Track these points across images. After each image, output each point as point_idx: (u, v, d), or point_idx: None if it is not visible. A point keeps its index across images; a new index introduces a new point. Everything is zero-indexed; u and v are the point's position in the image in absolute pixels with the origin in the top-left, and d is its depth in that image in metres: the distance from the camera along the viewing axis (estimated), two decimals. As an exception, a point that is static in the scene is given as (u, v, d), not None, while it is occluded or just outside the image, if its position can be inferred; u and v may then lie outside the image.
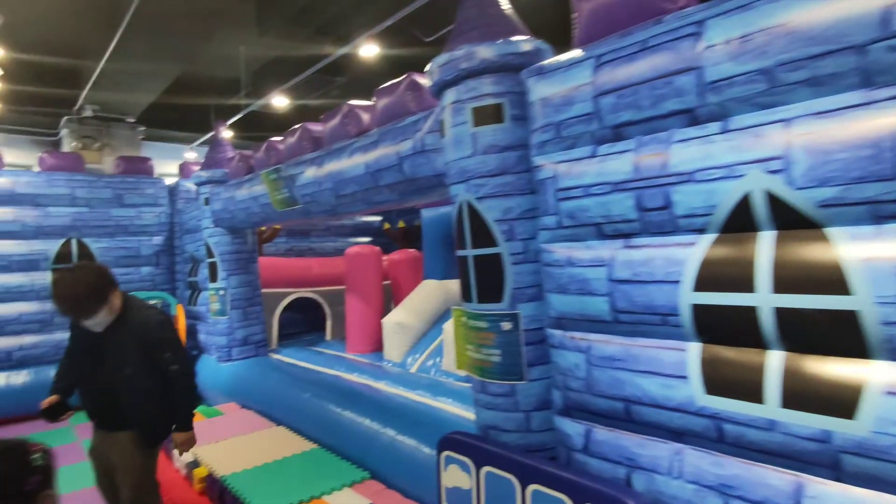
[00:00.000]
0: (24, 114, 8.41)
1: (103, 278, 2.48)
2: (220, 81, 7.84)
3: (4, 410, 5.56)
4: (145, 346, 2.53)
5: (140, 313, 2.59)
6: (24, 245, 5.95)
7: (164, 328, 2.63)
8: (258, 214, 4.80)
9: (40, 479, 1.30)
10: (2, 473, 1.24)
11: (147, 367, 2.55)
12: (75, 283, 2.41)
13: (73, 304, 2.41)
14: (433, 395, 3.94)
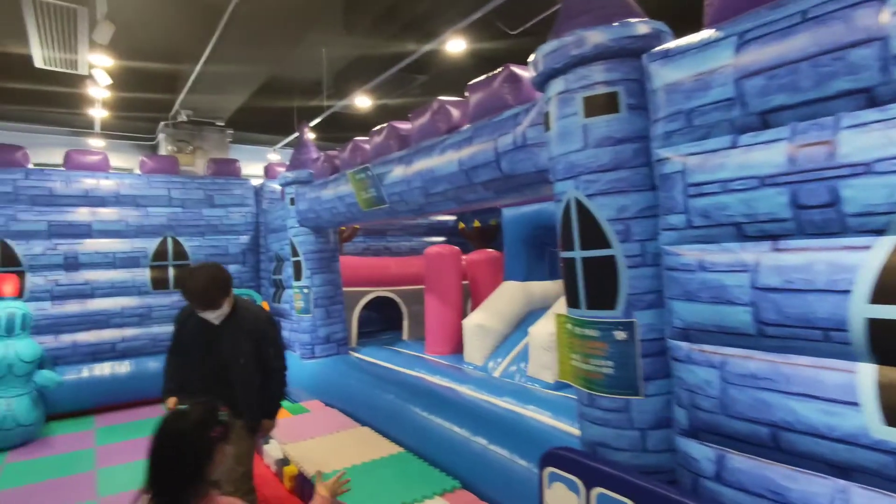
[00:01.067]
0: (126, 120, 9.06)
1: (224, 274, 2.73)
2: (303, 83, 8.06)
3: (111, 397, 5.93)
4: (255, 338, 2.74)
5: (251, 309, 2.84)
6: (127, 243, 6.34)
7: (271, 324, 2.89)
8: (343, 214, 4.82)
9: (222, 432, 1.53)
10: (198, 416, 1.50)
11: (255, 359, 2.76)
12: (204, 277, 2.63)
13: (204, 296, 2.62)
14: (520, 403, 3.77)
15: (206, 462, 1.46)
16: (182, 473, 1.43)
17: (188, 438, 1.46)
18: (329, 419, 4.59)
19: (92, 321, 6.05)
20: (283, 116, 9.16)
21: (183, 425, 1.49)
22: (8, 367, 4.82)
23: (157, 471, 1.46)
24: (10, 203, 5.75)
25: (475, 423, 3.54)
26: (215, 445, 1.49)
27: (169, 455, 1.47)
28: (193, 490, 1.44)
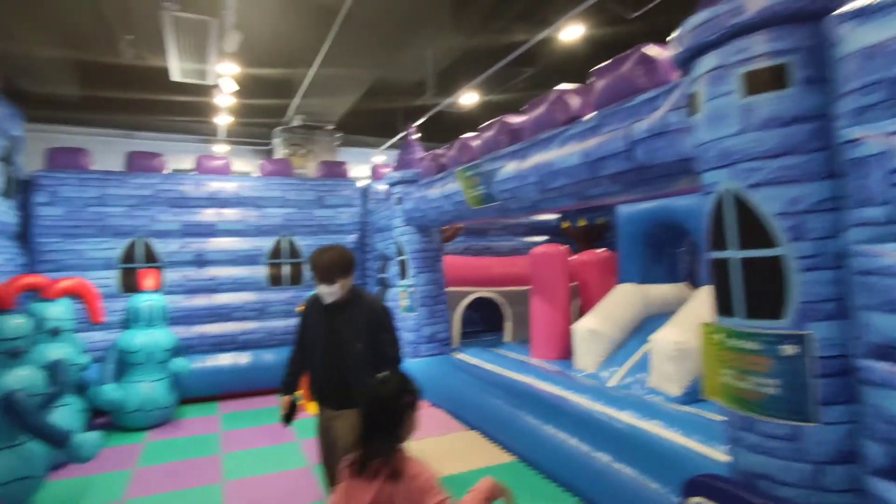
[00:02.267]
0: (246, 126, 9.77)
1: (350, 259, 2.74)
2: (407, 84, 8.18)
3: (232, 386, 6.33)
4: (371, 325, 2.71)
5: (366, 297, 2.82)
6: (247, 242, 6.76)
7: (386, 312, 2.80)
8: (450, 212, 4.74)
9: (412, 401, 1.73)
10: (395, 384, 1.73)
11: (370, 346, 2.71)
12: (331, 252, 2.71)
13: (325, 266, 2.67)
14: (643, 417, 3.44)
15: (399, 423, 1.69)
16: (380, 430, 1.68)
17: (386, 402, 1.70)
18: (436, 420, 4.53)
19: (217, 314, 6.51)
20: (388, 118, 9.37)
21: (383, 391, 1.73)
22: (149, 354, 5.29)
23: (365, 426, 1.72)
24: (151, 205, 6.34)
25: (594, 436, 3.28)
26: (406, 410, 1.70)
27: (373, 414, 1.71)
28: (388, 446, 1.67)
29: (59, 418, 4.08)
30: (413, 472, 1.64)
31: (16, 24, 5.57)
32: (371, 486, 1.62)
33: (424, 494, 1.61)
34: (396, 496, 1.61)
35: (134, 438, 5.01)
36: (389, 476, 1.62)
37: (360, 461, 1.67)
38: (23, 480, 3.47)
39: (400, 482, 1.62)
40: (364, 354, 2.71)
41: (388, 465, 1.63)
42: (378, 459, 1.64)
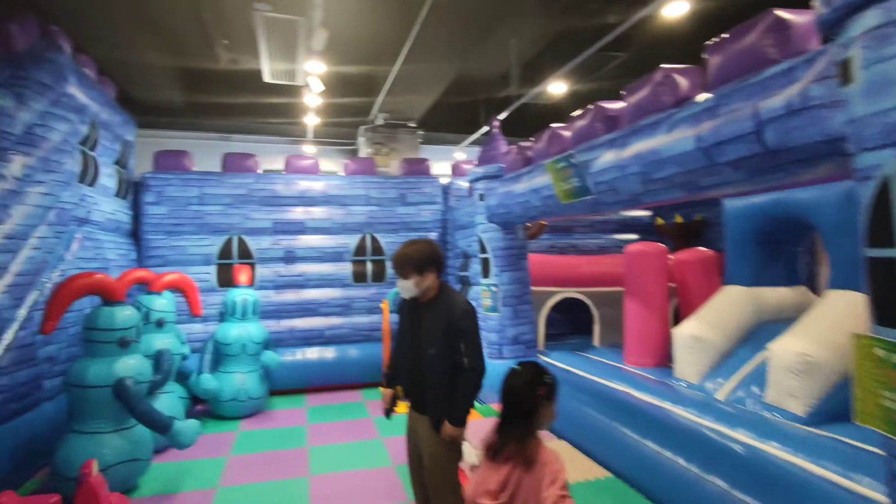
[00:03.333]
0: (331, 126, 10.06)
1: (429, 255, 2.58)
2: (490, 78, 8.00)
3: (318, 380, 6.49)
4: (448, 329, 2.53)
5: (451, 298, 2.62)
6: (333, 239, 6.90)
7: (466, 318, 2.56)
8: (538, 208, 4.51)
9: (545, 392, 1.78)
10: (527, 376, 1.80)
11: (447, 353, 2.54)
12: (412, 245, 2.61)
13: (398, 258, 2.59)
14: (762, 438, 3.03)
15: (533, 412, 1.74)
16: (514, 418, 1.76)
17: (519, 392, 1.78)
18: (522, 426, 4.31)
19: (305, 309, 6.69)
20: (470, 113, 9.25)
21: (515, 381, 1.81)
22: (242, 346, 5.51)
23: (502, 413, 1.82)
24: (245, 203, 6.63)
25: (706, 456, 2.94)
26: (539, 402, 1.75)
27: (507, 403, 1.81)
28: (522, 432, 1.74)
29: (163, 405, 4.32)
30: (545, 459, 1.69)
31: (127, 35, 6.02)
32: (502, 469, 1.71)
33: (550, 485, 1.63)
34: (525, 481, 1.68)
35: (228, 427, 5.24)
36: (522, 462, 1.69)
37: (495, 446, 1.76)
38: (132, 462, 3.68)
39: (531, 469, 1.68)
40: (438, 360, 2.56)
41: (522, 451, 1.70)
42: (511, 444, 1.71)
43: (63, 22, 4.89)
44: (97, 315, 3.72)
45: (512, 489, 1.69)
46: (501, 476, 1.70)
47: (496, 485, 1.70)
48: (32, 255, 3.94)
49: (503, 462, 1.72)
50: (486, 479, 1.74)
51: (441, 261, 2.65)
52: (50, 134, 4.19)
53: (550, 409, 1.80)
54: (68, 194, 4.48)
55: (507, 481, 1.69)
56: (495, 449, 1.76)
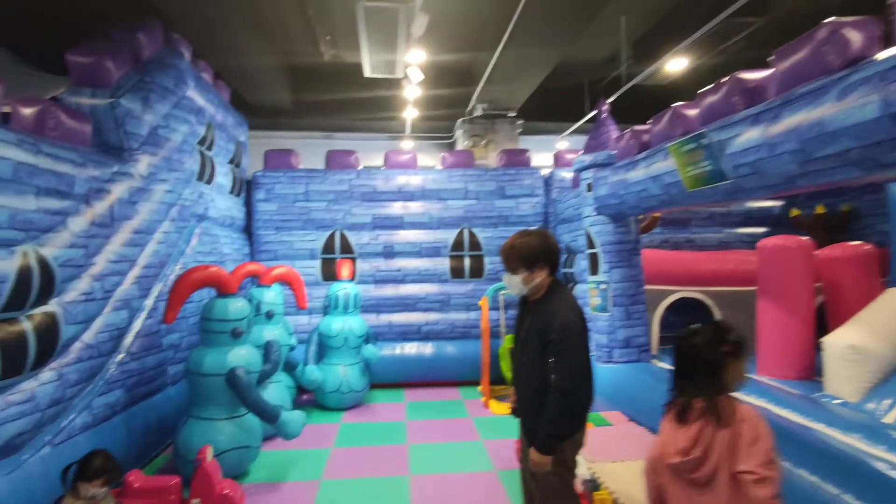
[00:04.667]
0: (429, 120, 10.07)
1: (541, 249, 2.32)
2: (594, 62, 7.51)
3: (416, 375, 6.44)
4: (543, 339, 2.23)
5: (553, 304, 2.28)
6: (431, 234, 6.82)
7: (564, 330, 2.20)
8: (657, 197, 4.05)
9: (732, 351, 1.70)
10: (708, 335, 1.74)
11: (539, 363, 2.25)
12: (522, 237, 2.38)
13: (506, 251, 2.38)
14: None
15: (718, 371, 1.68)
16: (696, 378, 1.71)
17: (698, 351, 1.72)
18: (638, 439, 3.90)
19: (403, 304, 6.67)
20: (572, 101, 8.78)
21: (694, 341, 1.76)
22: (344, 339, 5.58)
23: (676, 373, 1.80)
24: (347, 199, 6.74)
25: (876, 493, 2.40)
26: (725, 359, 1.68)
27: (683, 363, 1.78)
28: (709, 391, 1.67)
29: (271, 394, 4.44)
30: (742, 415, 1.62)
31: (240, 39, 6.32)
32: (692, 427, 1.66)
33: (751, 447, 1.56)
34: (719, 438, 1.61)
35: (331, 418, 5.32)
36: (714, 419, 1.63)
37: (680, 406, 1.71)
38: (243, 449, 3.79)
39: (725, 427, 1.61)
40: (529, 369, 2.30)
41: (713, 408, 1.64)
42: (700, 402, 1.66)
43: (183, 29, 5.20)
44: (212, 306, 3.86)
45: (704, 445, 1.63)
46: (692, 433, 1.66)
47: (687, 441, 1.66)
48: (157, 249, 4.19)
49: (692, 420, 1.68)
50: (674, 438, 1.71)
51: (555, 256, 2.35)
52: (172, 135, 4.45)
53: (739, 368, 1.71)
54: (188, 192, 4.74)
55: (699, 437, 1.64)
56: (681, 409, 1.71)
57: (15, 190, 2.74)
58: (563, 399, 2.17)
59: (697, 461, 1.64)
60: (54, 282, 3.01)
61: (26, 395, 2.81)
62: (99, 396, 3.44)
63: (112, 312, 3.61)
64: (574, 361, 2.20)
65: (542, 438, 2.23)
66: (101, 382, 3.48)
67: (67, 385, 3.13)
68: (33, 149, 2.88)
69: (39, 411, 2.89)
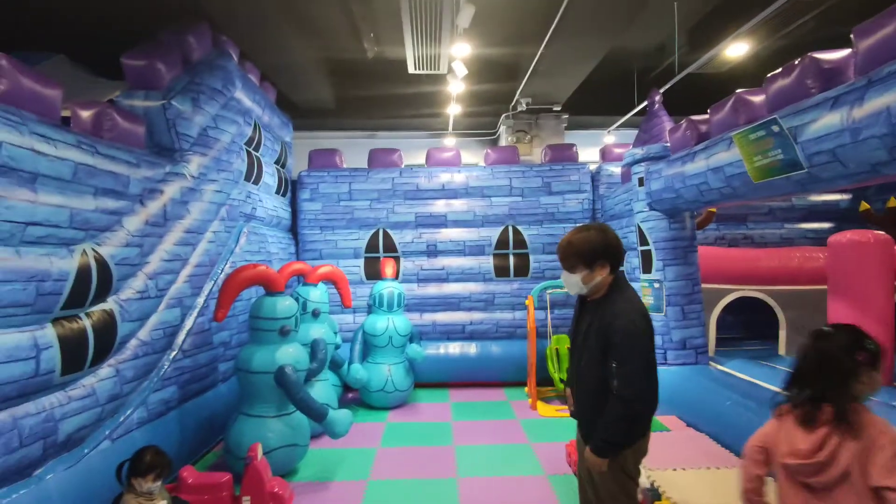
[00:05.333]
0: (471, 116, 9.95)
1: (602, 245, 2.16)
2: (645, 50, 7.19)
3: (461, 375, 6.35)
4: (604, 341, 2.10)
5: (618, 304, 2.13)
6: (474, 232, 6.71)
7: (627, 333, 2.05)
8: (718, 191, 3.82)
9: (866, 359, 1.59)
10: (842, 340, 1.62)
11: (599, 367, 2.12)
12: (581, 232, 2.23)
13: (564, 248, 2.24)
14: None
15: (850, 379, 1.59)
16: (824, 383, 1.62)
17: (830, 357, 1.62)
18: (699, 446, 3.69)
19: (447, 303, 6.60)
20: (620, 93, 8.47)
21: (825, 345, 1.65)
22: (389, 338, 5.55)
23: (799, 375, 1.70)
24: (390, 198, 6.72)
25: None
26: (860, 368, 1.59)
27: (811, 366, 1.67)
28: (838, 398, 1.58)
29: (317, 392, 4.44)
30: (877, 427, 1.53)
31: (285, 38, 6.37)
32: (817, 432, 1.59)
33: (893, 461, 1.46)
34: (847, 447, 1.54)
35: (377, 417, 5.30)
36: (844, 428, 1.56)
37: (808, 409, 1.63)
38: (292, 447, 3.80)
39: (855, 438, 1.54)
40: (588, 372, 2.17)
41: (843, 416, 1.56)
42: (827, 408, 1.59)
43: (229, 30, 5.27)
44: (261, 305, 3.89)
45: (829, 451, 1.56)
46: (817, 437, 1.59)
47: (808, 444, 1.60)
48: (208, 248, 4.26)
49: (817, 426, 1.60)
50: (792, 438, 1.65)
51: (616, 252, 2.19)
52: (221, 135, 4.51)
53: (873, 378, 1.61)
54: (237, 192, 4.81)
55: (824, 444, 1.57)
56: (808, 413, 1.63)
57: (74, 190, 2.81)
58: (624, 406, 2.05)
59: (819, 466, 1.58)
60: (112, 280, 3.08)
61: (87, 390, 2.88)
62: (154, 393, 3.51)
63: (166, 310, 3.67)
64: (637, 367, 2.05)
65: (598, 443, 2.12)
66: (156, 379, 3.55)
67: (124, 381, 3.20)
68: (91, 150, 2.94)
69: (99, 406, 2.96)
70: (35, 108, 2.65)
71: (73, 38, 5.25)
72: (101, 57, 4.50)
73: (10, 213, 2.38)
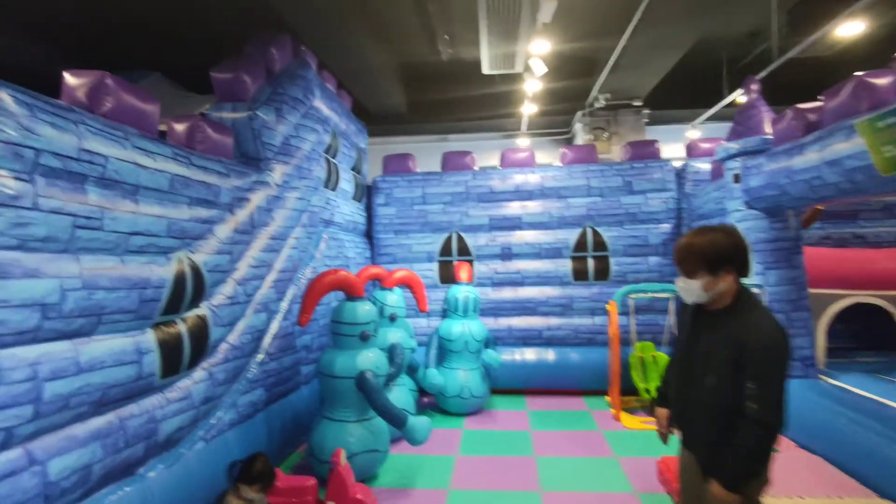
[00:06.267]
0: (545, 116, 9.70)
1: (729, 248, 1.95)
2: (735, 38, 6.67)
3: (537, 382, 6.16)
4: (738, 359, 1.87)
5: (751, 316, 1.90)
6: (551, 235, 6.50)
7: (769, 351, 1.84)
8: (834, 186, 3.42)
9: None
10: None
11: (731, 388, 1.89)
12: (703, 234, 2.01)
13: (683, 250, 2.04)
14: None
15: None
16: None
17: None
18: (816, 471, 3.32)
19: (522, 308, 6.43)
20: (706, 85, 7.93)
21: None
22: (465, 343, 5.46)
23: None
24: (463, 201, 6.65)
25: None
26: None
27: None
28: None
29: (395, 397, 4.43)
30: None
31: (360, 45, 6.46)
32: None
33: None
34: None
35: (453, 423, 5.22)
36: None
37: None
38: (373, 452, 3.79)
39: None
40: (717, 395, 1.93)
41: None
42: None
43: (307, 38, 5.40)
44: (342, 309, 3.92)
45: None
46: None
47: None
48: (291, 254, 4.36)
49: None
50: None
51: (745, 258, 1.98)
52: (302, 144, 4.62)
53: None
54: (316, 198, 4.91)
55: None
56: None
57: (171, 200, 2.93)
58: (765, 432, 1.83)
59: None
60: (205, 286, 3.19)
61: (183, 392, 3.00)
62: (243, 395, 3.62)
63: (253, 315, 3.78)
64: (779, 389, 1.84)
65: (734, 474, 1.89)
66: (245, 381, 3.66)
67: (217, 384, 3.31)
68: (186, 161, 3.07)
69: (194, 408, 3.07)
70: (136, 123, 2.79)
71: (167, 57, 5.61)
72: (193, 74, 4.74)
73: (116, 223, 2.50)
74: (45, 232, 2.14)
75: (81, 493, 2.29)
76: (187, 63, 4.97)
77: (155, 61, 5.49)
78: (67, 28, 5.59)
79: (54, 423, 2.18)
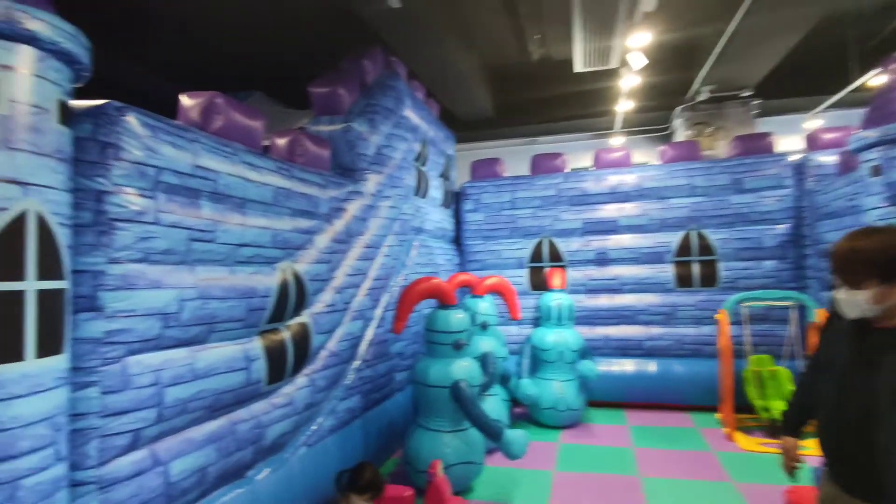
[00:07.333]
0: (640, 113, 9.19)
1: None
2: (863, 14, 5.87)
3: (638, 395, 5.80)
4: None
5: None
6: (650, 238, 6.10)
7: None
8: None
9: None
10: None
11: None
12: (868, 237, 1.69)
13: (844, 255, 1.72)
14: None
15: None
16: None
17: None
18: None
19: (620, 316, 6.08)
20: (827, 69, 7.08)
21: None
22: (559, 353, 5.25)
23: None
24: (554, 205, 6.43)
25: None
26: None
27: None
28: None
29: (488, 407, 4.32)
30: None
31: (449, 50, 6.46)
32: None
33: None
34: None
35: (549, 436, 5.02)
36: None
37: None
38: (468, 464, 3.71)
39: None
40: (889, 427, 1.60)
41: None
42: None
43: (396, 47, 5.47)
44: (436, 318, 3.89)
45: None
46: None
47: None
48: (384, 262, 4.41)
49: None
50: None
51: None
52: (394, 153, 4.67)
53: None
54: (407, 206, 4.95)
55: None
56: None
57: (275, 212, 3.04)
58: None
59: None
60: (306, 295, 3.28)
61: (287, 398, 3.09)
62: (341, 401, 3.68)
63: (350, 322, 3.85)
64: None
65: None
66: (343, 388, 3.72)
67: (317, 390, 3.39)
68: (287, 174, 3.18)
69: (297, 414, 3.16)
70: (243, 139, 2.92)
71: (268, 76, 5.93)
72: (291, 91, 4.96)
73: (227, 235, 2.62)
74: (165, 245, 2.27)
75: (198, 494, 2.41)
76: (286, 81, 5.22)
77: (257, 81, 5.84)
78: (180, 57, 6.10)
79: (174, 426, 2.31)
